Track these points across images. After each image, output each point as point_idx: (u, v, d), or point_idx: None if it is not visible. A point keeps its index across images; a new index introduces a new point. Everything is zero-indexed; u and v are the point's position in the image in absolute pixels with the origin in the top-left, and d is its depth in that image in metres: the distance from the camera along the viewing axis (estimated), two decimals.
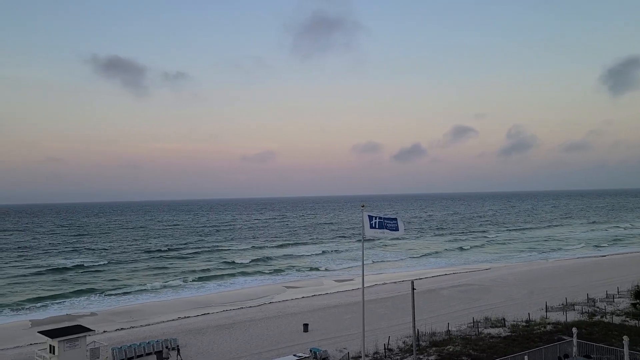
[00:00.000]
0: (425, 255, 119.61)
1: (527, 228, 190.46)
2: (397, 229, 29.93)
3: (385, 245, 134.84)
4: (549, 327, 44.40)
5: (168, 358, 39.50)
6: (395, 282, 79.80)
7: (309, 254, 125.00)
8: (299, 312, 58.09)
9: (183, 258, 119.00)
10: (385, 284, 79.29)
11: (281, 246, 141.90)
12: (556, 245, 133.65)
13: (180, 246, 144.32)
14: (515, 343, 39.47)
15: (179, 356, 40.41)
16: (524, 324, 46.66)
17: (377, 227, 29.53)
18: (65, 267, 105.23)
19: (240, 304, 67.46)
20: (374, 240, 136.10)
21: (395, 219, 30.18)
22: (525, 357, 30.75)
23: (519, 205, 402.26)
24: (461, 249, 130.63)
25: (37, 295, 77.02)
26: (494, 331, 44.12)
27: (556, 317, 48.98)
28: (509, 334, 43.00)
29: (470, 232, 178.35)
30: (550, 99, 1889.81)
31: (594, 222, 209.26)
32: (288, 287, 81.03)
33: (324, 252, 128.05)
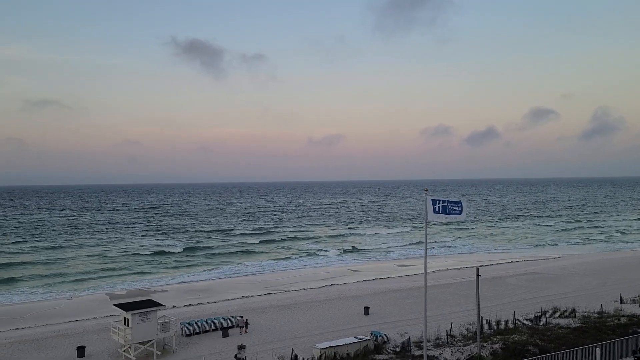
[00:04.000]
0: (490, 241, 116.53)
1: None
2: (460, 213, 29.43)
3: (452, 229, 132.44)
4: (623, 320, 42.25)
5: (243, 327, 42.91)
6: (458, 269, 78.34)
7: (372, 238, 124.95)
8: (359, 295, 58.30)
9: (249, 241, 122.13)
10: (448, 269, 78.01)
11: (346, 229, 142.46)
12: None
13: (247, 227, 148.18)
14: (586, 335, 37.90)
15: (245, 330, 42.88)
16: (595, 315, 44.62)
17: (440, 211, 29.15)
18: (143, 245, 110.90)
19: (302, 285, 68.54)
20: (440, 224, 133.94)
21: (460, 202, 29.59)
22: (597, 349, 29.48)
23: (620, 191, 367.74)
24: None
25: (115, 271, 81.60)
26: (563, 322, 42.47)
27: (631, 309, 46.48)
28: (580, 325, 41.27)
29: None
30: None
31: None
32: (351, 270, 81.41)
33: (387, 236, 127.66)
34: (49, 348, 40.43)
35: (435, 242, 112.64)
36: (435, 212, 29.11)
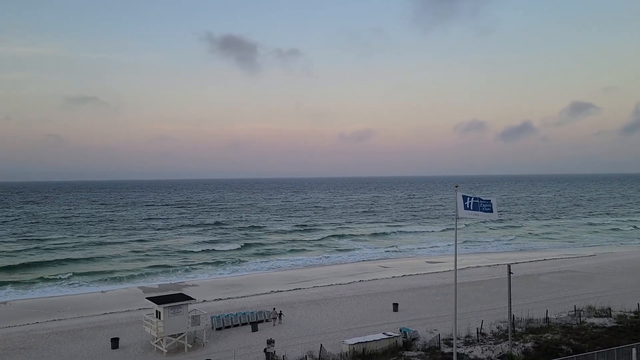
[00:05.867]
0: (524, 238, 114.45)
1: None
2: (491, 211, 28.91)
3: (500, 227, 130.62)
4: None
5: (275, 318, 44.48)
6: (489, 266, 77.20)
7: (402, 234, 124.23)
8: (388, 291, 58.07)
9: (280, 237, 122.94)
10: (479, 267, 76.97)
11: (377, 226, 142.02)
12: None
13: (278, 223, 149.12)
14: (622, 335, 36.92)
15: (279, 321, 44.43)
16: (632, 315, 43.36)
17: (471, 208, 28.69)
18: (176, 240, 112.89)
19: (331, 280, 68.63)
20: (472, 222, 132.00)
21: (490, 201, 29.07)
22: (633, 349, 28.70)
23: None
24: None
25: (149, 267, 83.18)
26: (597, 321, 41.44)
27: None
28: (615, 324, 40.20)
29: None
30: None
31: None
32: (380, 267, 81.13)
33: (417, 232, 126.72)
34: (84, 339, 41.57)
35: (479, 240, 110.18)
36: (465, 208, 28.71)
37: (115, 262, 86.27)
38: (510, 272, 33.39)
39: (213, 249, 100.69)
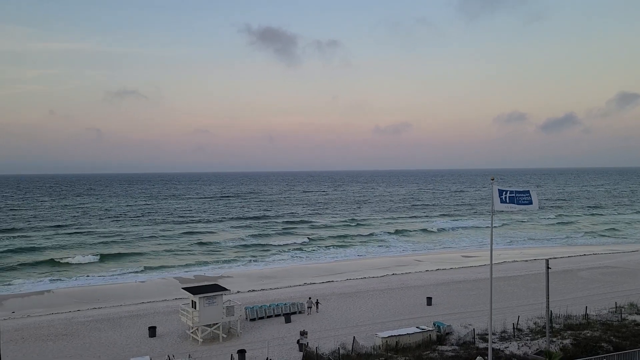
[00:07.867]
0: (565, 234, 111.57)
1: None
2: (530, 203, 28.05)
3: (520, 223, 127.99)
4: None
5: (311, 307, 45.57)
6: (526, 261, 75.61)
7: (437, 227, 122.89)
8: (422, 285, 57.61)
9: (312, 230, 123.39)
10: (515, 261, 75.47)
11: (413, 219, 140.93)
12: None
13: (315, 215, 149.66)
14: None
15: (316, 310, 45.72)
16: None
17: (507, 201, 28.06)
18: (213, 232, 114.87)
19: (363, 273, 68.53)
20: (526, 219, 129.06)
21: (528, 192, 28.26)
22: None
23: None
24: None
25: (186, 257, 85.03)
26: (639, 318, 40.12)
27: None
28: None
29: None
30: None
31: None
32: (415, 260, 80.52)
33: (452, 227, 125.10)
34: (123, 327, 42.78)
35: (537, 238, 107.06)
36: (502, 202, 28.12)
37: (153, 253, 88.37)
38: (548, 267, 32.62)
39: (248, 242, 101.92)
